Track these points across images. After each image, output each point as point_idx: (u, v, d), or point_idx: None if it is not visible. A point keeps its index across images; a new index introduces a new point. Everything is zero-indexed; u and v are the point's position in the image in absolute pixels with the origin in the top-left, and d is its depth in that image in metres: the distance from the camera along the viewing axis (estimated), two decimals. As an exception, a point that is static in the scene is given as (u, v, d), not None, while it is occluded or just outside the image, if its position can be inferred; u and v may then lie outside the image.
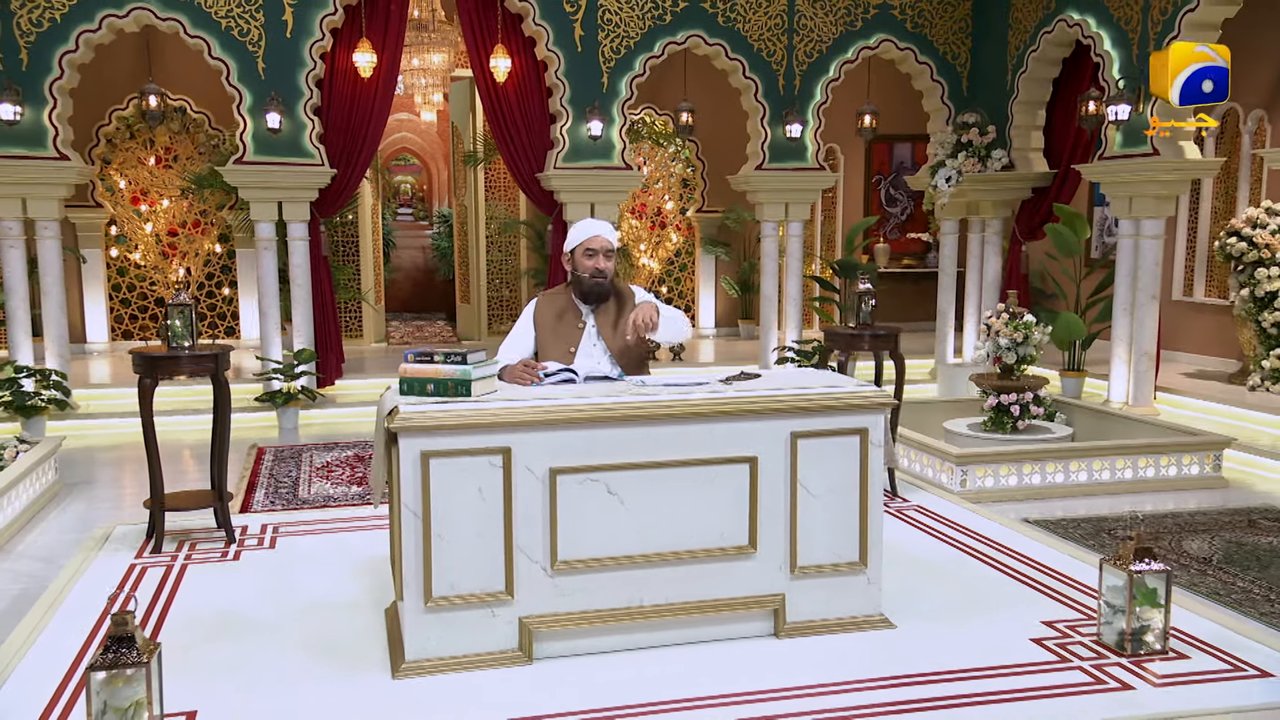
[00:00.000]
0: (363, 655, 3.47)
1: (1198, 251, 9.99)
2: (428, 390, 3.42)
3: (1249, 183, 9.50)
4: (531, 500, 3.38)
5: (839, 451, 3.61)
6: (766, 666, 3.42)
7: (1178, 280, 10.11)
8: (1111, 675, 3.28)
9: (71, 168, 8.12)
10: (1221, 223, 9.47)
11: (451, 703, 3.16)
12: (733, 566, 3.57)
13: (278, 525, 5.07)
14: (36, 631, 3.65)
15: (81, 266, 10.33)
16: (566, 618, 3.44)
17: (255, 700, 3.14)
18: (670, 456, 3.47)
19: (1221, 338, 9.47)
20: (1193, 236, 10.05)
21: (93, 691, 2.72)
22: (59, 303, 8.32)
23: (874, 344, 5.51)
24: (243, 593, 4.07)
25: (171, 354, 4.52)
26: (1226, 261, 8.26)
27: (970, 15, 9.66)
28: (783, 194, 9.59)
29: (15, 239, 8.14)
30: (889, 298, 12.57)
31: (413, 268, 16.13)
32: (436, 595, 3.32)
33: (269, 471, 6.75)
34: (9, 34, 7.90)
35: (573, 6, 8.88)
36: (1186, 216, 10.02)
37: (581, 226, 4.19)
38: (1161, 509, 6.04)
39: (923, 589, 4.10)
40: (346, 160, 8.69)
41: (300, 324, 8.63)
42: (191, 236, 10.54)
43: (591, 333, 4.20)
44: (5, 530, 5.34)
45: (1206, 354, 9.74)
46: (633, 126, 11.47)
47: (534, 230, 10.92)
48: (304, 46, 8.37)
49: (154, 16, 8.11)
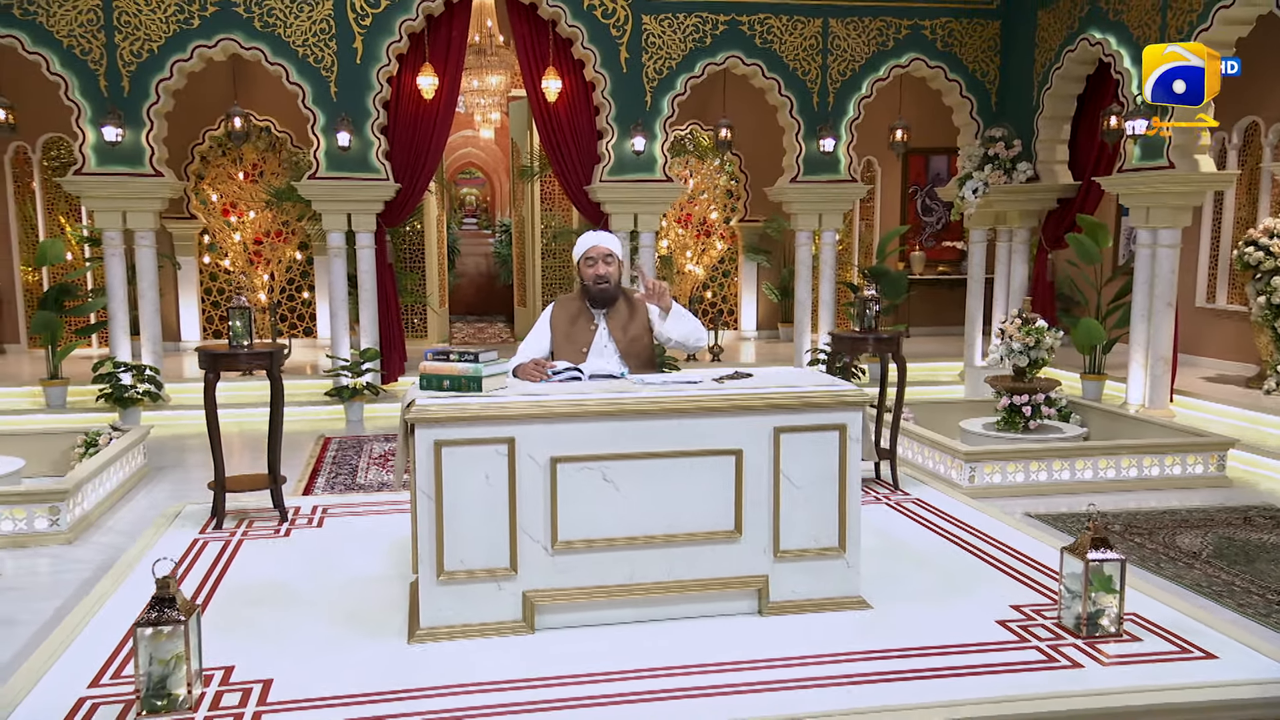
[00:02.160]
0: (385, 623, 3.68)
1: (1220, 260, 9.77)
2: (444, 386, 3.62)
3: (1270, 194, 9.27)
4: (534, 486, 3.54)
5: (819, 445, 3.71)
6: (750, 640, 3.52)
7: (1200, 287, 9.91)
8: (1064, 655, 3.33)
9: (165, 183, 8.54)
10: (1244, 232, 9.27)
11: (459, 665, 3.33)
12: (719, 549, 3.69)
13: (327, 507, 5.32)
14: (107, 595, 3.94)
15: (177, 272, 10.83)
16: (566, 592, 3.60)
17: (284, 659, 3.36)
18: (662, 448, 3.61)
19: (1241, 343, 9.26)
20: (1215, 245, 9.83)
21: (140, 645, 2.96)
22: (154, 305, 8.76)
23: (877, 347, 5.57)
24: (287, 566, 4.32)
25: (231, 351, 4.80)
26: (1245, 270, 8.10)
27: (999, 34, 9.59)
28: (816, 205, 9.64)
29: (116, 248, 8.59)
30: (924, 303, 12.54)
31: (476, 273, 16.48)
32: (448, 570, 3.51)
33: (332, 459, 7.04)
34: (113, 64, 8.34)
35: (619, 31, 9.05)
36: (1210, 226, 9.82)
37: (581, 240, 4.37)
38: (1163, 506, 5.99)
39: (904, 574, 4.17)
40: (410, 175, 8.98)
41: (366, 325, 8.95)
42: (275, 245, 10.96)
43: (603, 334, 4.36)
44: (97, 508, 5.71)
45: (1227, 359, 9.54)
46: (679, 141, 11.62)
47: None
48: (372, 71, 8.68)
49: (239, 46, 8.49)
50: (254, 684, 3.16)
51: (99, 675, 3.21)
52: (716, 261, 12.16)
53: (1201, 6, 7.19)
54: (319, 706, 3.03)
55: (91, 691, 3.10)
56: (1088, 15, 8.43)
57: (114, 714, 2.95)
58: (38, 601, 4.36)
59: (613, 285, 4.32)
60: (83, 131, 8.32)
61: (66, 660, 3.33)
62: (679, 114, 9.52)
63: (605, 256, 4.30)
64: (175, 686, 2.98)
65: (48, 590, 4.54)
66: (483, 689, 3.17)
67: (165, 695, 2.97)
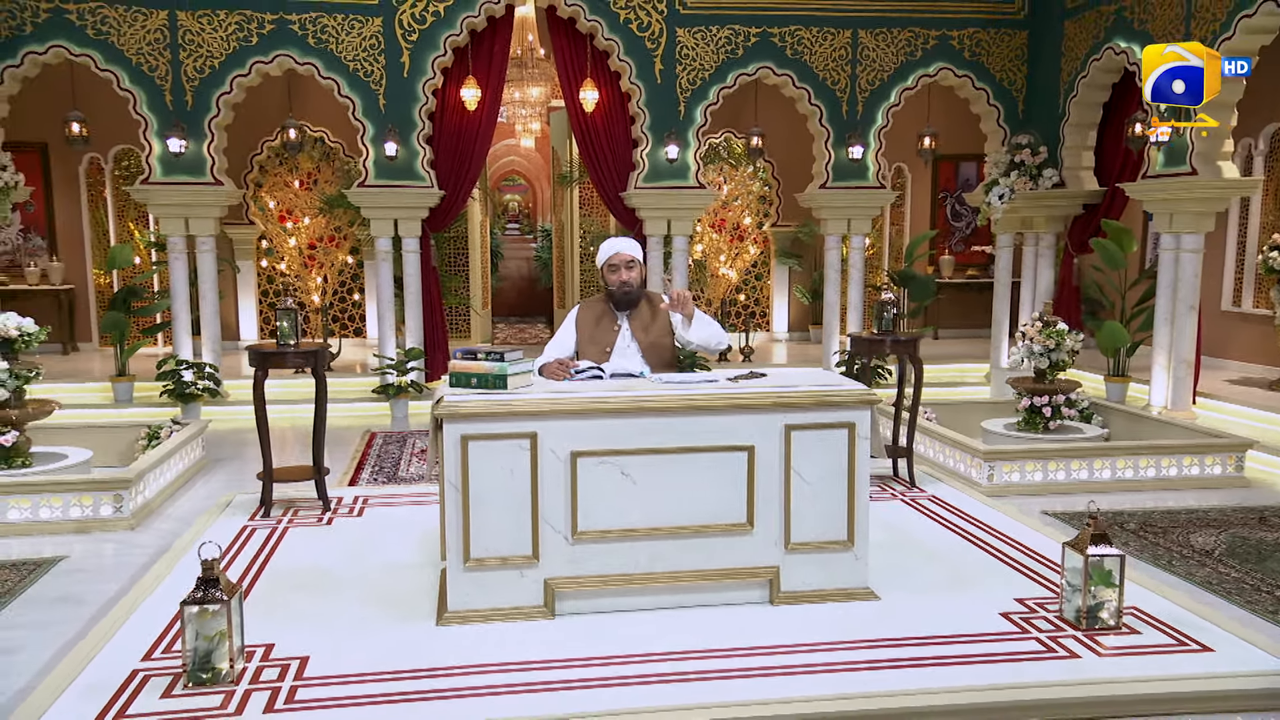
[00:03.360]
0: (415, 606, 3.80)
1: (1246, 264, 9.60)
2: (471, 383, 3.73)
3: (1297, 199, 9.10)
4: (555, 479, 3.63)
5: (828, 442, 3.76)
6: (762, 628, 3.59)
7: (1227, 291, 9.74)
8: (1063, 645, 3.35)
9: (224, 191, 8.79)
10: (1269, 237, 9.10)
11: (483, 647, 3.43)
12: (732, 541, 3.76)
13: (368, 498, 5.47)
14: (161, 577, 4.11)
15: (236, 275, 11.11)
16: (585, 580, 3.69)
17: (321, 638, 3.50)
18: (677, 443, 3.68)
19: (1267, 346, 9.08)
20: (1242, 250, 9.66)
21: (186, 622, 3.11)
22: (213, 306, 9.02)
23: (895, 349, 5.59)
24: (328, 552, 4.46)
25: (278, 350, 4.97)
26: (1270, 274, 7.97)
27: (1026, 44, 9.51)
28: (845, 210, 9.64)
29: (179, 252, 8.86)
30: (953, 306, 12.44)
31: (519, 276, 16.65)
32: (474, 557, 3.62)
33: (377, 453, 7.21)
34: (177, 80, 8.60)
35: (654, 43, 9.13)
36: (1236, 231, 9.65)
37: (604, 246, 4.44)
38: (1180, 505, 5.94)
39: (913, 567, 4.20)
40: (454, 183, 9.14)
41: (411, 326, 9.13)
42: (328, 249, 11.20)
43: (626, 335, 4.44)
44: (157, 497, 5.91)
45: (1253, 362, 9.36)
46: (713, 149, 11.67)
47: (621, 244, 11.23)
48: (418, 84, 8.84)
49: (294, 61, 8.71)
50: (292, 660, 3.29)
51: (151, 649, 3.37)
52: (749, 265, 12.19)
53: (1225, 15, 7.10)
54: (351, 682, 3.15)
55: (144, 664, 3.25)
56: (1113, 25, 8.35)
57: (163, 685, 3.10)
58: (102, 583, 4.56)
59: (635, 290, 4.39)
60: (149, 143, 8.59)
61: (122, 635, 3.50)
62: (712, 122, 9.57)
63: (627, 263, 4.37)
64: (219, 661, 3.12)
65: (111, 572, 4.74)
66: (506, 669, 3.26)
67: (210, 669, 3.11)
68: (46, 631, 3.94)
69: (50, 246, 11.11)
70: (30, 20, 8.28)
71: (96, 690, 3.06)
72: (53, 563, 4.88)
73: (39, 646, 3.80)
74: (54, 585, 4.58)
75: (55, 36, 8.33)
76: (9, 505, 5.40)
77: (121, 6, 8.41)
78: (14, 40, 8.26)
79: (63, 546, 5.13)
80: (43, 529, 5.35)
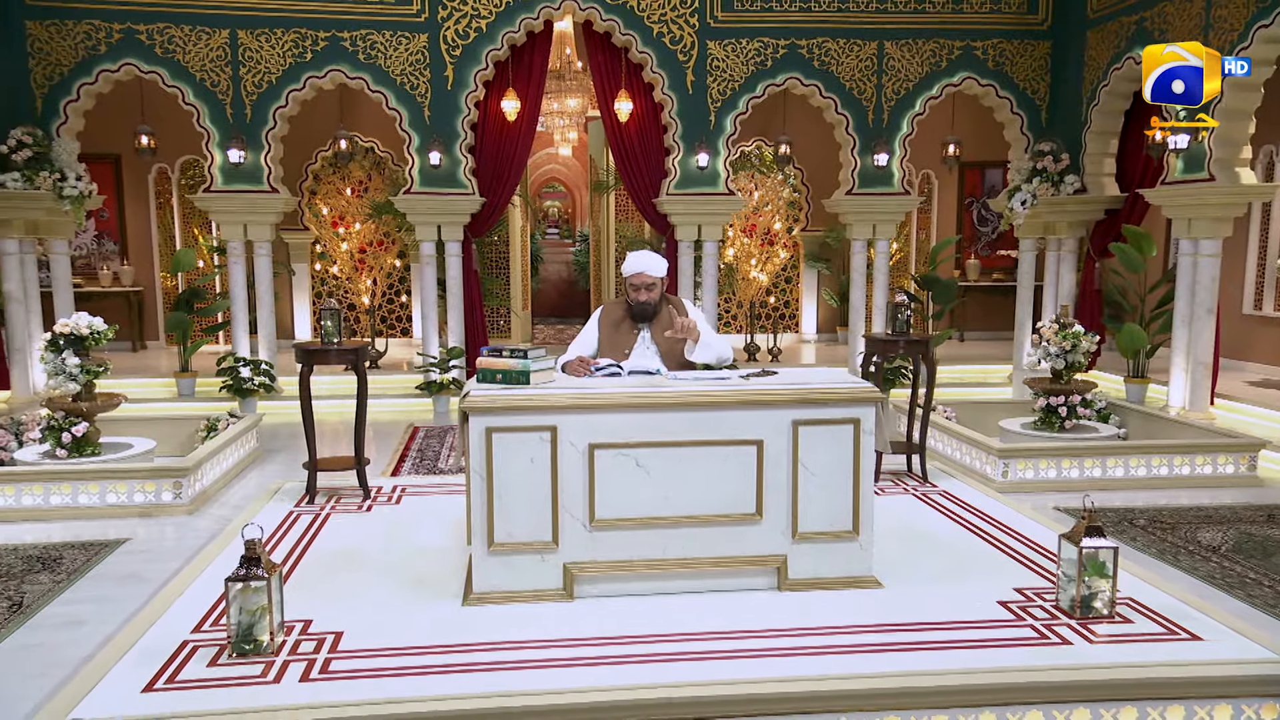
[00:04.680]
0: (444, 587, 3.92)
1: (1267, 268, 9.43)
2: (497, 379, 3.85)
3: (1318, 204, 8.92)
4: (574, 469, 3.73)
5: (834, 437, 3.81)
6: (770, 612, 3.65)
7: (1248, 295, 9.57)
8: (1056, 633, 3.37)
9: (280, 199, 9.03)
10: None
11: (506, 626, 3.54)
12: (742, 530, 3.83)
13: (406, 487, 5.63)
14: (212, 557, 4.30)
15: (291, 278, 11.40)
16: (602, 565, 3.79)
17: (355, 615, 3.64)
18: (689, 437, 3.76)
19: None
20: (1263, 254, 9.49)
21: (230, 598, 3.26)
22: (269, 307, 9.27)
23: (908, 348, 5.61)
24: (366, 537, 4.61)
25: (322, 348, 5.13)
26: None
27: (1049, 54, 9.44)
28: (870, 215, 9.64)
29: (238, 256, 9.12)
30: (979, 308, 12.36)
31: (558, 279, 16.84)
32: (497, 541, 3.74)
33: (418, 447, 7.37)
34: (238, 95, 8.86)
35: (685, 56, 9.21)
36: (1258, 235, 9.48)
37: (630, 261, 4.50)
38: (1192, 503, 5.89)
39: (918, 558, 4.24)
40: (494, 190, 9.30)
41: (453, 326, 9.31)
42: (377, 253, 11.44)
43: (645, 337, 4.53)
44: (214, 484, 6.13)
45: (1272, 364, 9.20)
46: (745, 156, 11.71)
47: (652, 248, 11.31)
48: (461, 96, 9.02)
49: (345, 76, 8.93)
50: (328, 635, 3.43)
51: (200, 622, 3.53)
52: (780, 269, 12.21)
53: (1242, 26, 7.01)
54: (381, 655, 3.28)
55: (193, 635, 3.42)
56: (1134, 35, 8.27)
57: (210, 655, 3.26)
58: (162, 563, 4.76)
59: (653, 306, 4.48)
60: (211, 154, 8.86)
61: (176, 609, 3.67)
62: (744, 131, 9.62)
63: (648, 285, 4.45)
64: (260, 633, 3.27)
65: (170, 553, 4.94)
66: (527, 646, 3.37)
67: (252, 640, 3.26)
68: (110, 606, 4.14)
69: (121, 251, 11.49)
70: (105, 41, 8.60)
71: (151, 657, 3.22)
72: (118, 544, 5.10)
73: (103, 620, 4.00)
74: (118, 564, 4.79)
75: (126, 55, 8.64)
76: (79, 491, 5.64)
77: (187, 26, 8.69)
78: (90, 60, 8.59)
79: (127, 529, 5.35)
80: (109, 513, 5.58)
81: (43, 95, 8.58)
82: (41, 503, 5.58)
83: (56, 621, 4.08)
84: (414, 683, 3.09)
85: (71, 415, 6.13)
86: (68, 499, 5.62)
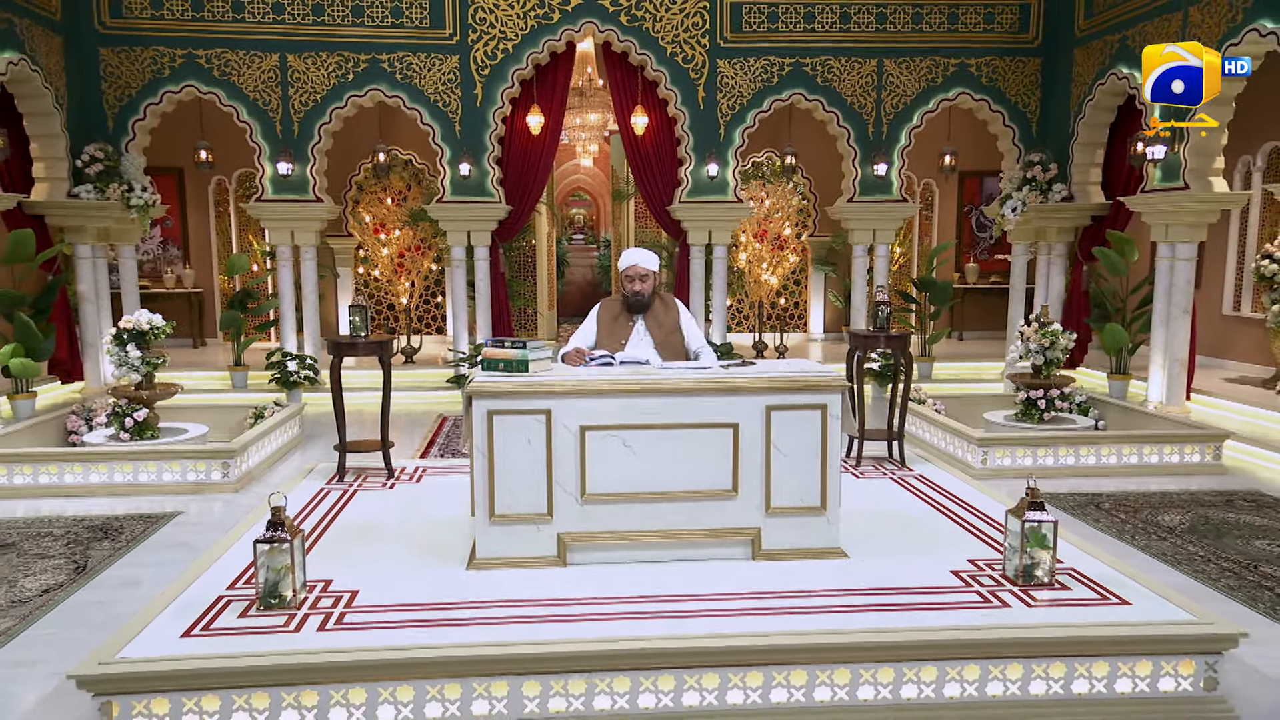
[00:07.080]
0: (452, 554, 4.12)
1: (1244, 272, 9.38)
2: (499, 367, 4.04)
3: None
4: (567, 448, 3.91)
5: (804, 421, 3.95)
6: (745, 578, 3.78)
7: (1227, 297, 9.53)
8: (998, 598, 3.49)
9: (324, 208, 9.33)
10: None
11: (505, 587, 3.72)
12: (719, 505, 3.98)
13: (427, 468, 5.85)
14: (248, 526, 4.53)
15: (336, 280, 11.71)
16: (592, 535, 3.96)
17: (370, 576, 3.84)
18: (672, 420, 3.92)
19: (1263, 348, 8.88)
20: (1241, 258, 9.45)
21: (258, 558, 3.49)
22: (314, 307, 9.57)
23: (888, 343, 5.72)
24: (386, 510, 4.83)
25: (350, 341, 5.37)
26: (1262, 281, 7.83)
27: (1039, 70, 9.48)
28: (870, 222, 9.74)
29: (286, 260, 9.44)
30: (977, 309, 12.38)
31: (583, 282, 17.05)
32: (498, 513, 3.92)
33: (445, 434, 7.62)
34: (286, 112, 9.18)
35: (697, 74, 9.38)
36: (1236, 240, 9.44)
37: (625, 256, 4.70)
38: (1158, 489, 5.95)
39: (885, 533, 4.36)
40: (519, 199, 9.53)
41: (481, 324, 9.55)
42: (415, 258, 11.67)
43: (640, 330, 4.71)
44: (259, 466, 6.41)
45: (1250, 362, 9.16)
46: (755, 166, 11.83)
47: (668, 251, 11.47)
48: (489, 112, 9.26)
49: (383, 95, 9.21)
50: (345, 593, 3.64)
51: (235, 581, 3.76)
52: (789, 272, 12.31)
53: (1215, 44, 7.02)
54: (390, 610, 3.48)
55: (227, 591, 3.65)
56: (1117, 53, 8.30)
57: (240, 608, 3.48)
58: (210, 533, 5.04)
59: (646, 297, 4.66)
60: (262, 166, 9.19)
61: (214, 570, 3.90)
62: (753, 142, 9.76)
63: (641, 276, 4.63)
64: (284, 590, 3.49)
65: (218, 525, 5.22)
66: (523, 604, 3.55)
67: (277, 596, 3.48)
68: (164, 570, 4.42)
69: (184, 255, 11.89)
70: (169, 65, 8.95)
71: (189, 609, 3.45)
72: (172, 516, 5.39)
73: (156, 581, 4.27)
74: (172, 534, 5.08)
75: (188, 78, 8.99)
76: (140, 469, 5.94)
77: (241, 51, 9.02)
78: (155, 82, 8.95)
79: (180, 504, 5.64)
80: (165, 489, 5.88)
81: (113, 114, 8.96)
82: (106, 480, 5.89)
83: (116, 582, 4.36)
84: (419, 633, 3.28)
85: (134, 403, 6.44)
86: (129, 477, 5.92)
